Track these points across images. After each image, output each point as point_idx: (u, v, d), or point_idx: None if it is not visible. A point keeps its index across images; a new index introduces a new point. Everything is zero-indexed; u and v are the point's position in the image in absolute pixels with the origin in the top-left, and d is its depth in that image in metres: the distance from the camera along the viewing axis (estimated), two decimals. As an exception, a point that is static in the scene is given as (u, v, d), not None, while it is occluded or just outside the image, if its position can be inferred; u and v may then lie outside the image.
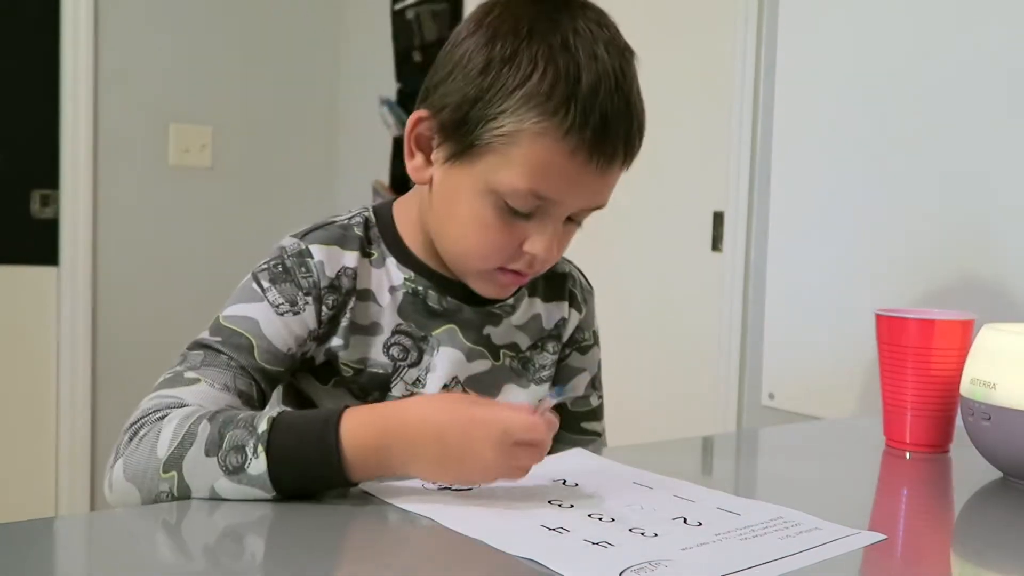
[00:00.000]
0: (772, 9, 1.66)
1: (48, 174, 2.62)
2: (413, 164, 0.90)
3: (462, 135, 0.84)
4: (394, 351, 0.92)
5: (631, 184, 2.03)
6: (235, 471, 0.72)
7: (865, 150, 1.50)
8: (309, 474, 0.72)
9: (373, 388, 0.92)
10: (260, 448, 0.72)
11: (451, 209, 0.88)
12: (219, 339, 0.86)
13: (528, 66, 0.81)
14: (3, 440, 2.61)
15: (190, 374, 0.83)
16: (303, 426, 0.74)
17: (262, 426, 0.73)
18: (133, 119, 2.70)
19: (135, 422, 0.79)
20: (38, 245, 2.63)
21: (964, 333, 0.97)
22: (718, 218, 1.78)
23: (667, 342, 1.88)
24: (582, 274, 1.08)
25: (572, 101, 0.80)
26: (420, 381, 0.93)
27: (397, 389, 0.92)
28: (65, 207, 2.62)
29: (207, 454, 0.73)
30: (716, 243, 1.78)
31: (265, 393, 0.89)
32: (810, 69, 1.59)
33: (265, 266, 0.90)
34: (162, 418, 0.78)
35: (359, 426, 0.73)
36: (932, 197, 1.40)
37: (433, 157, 0.88)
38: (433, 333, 0.93)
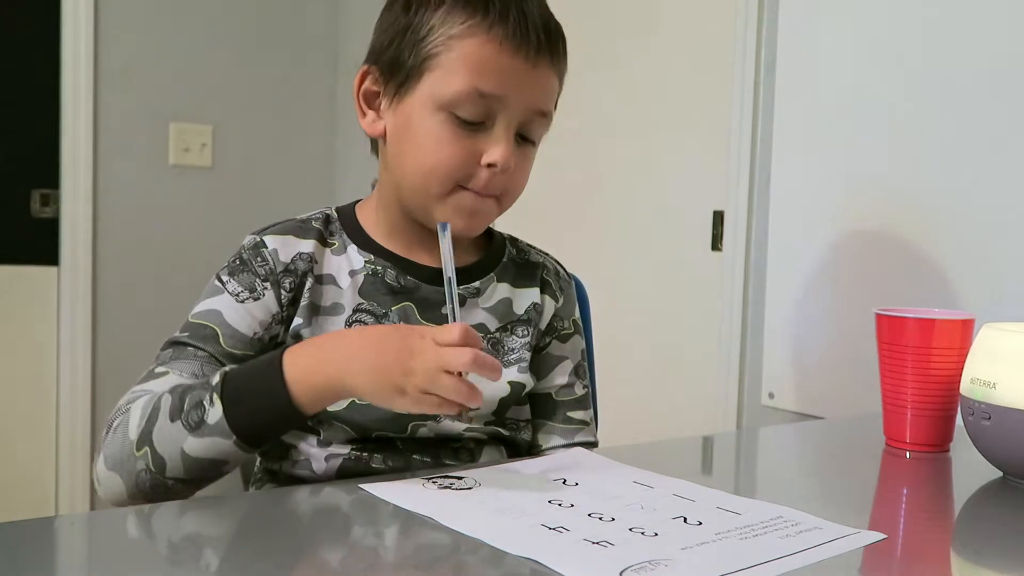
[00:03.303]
0: (772, 9, 1.66)
1: (48, 174, 2.62)
2: (366, 121, 0.97)
3: (401, 66, 0.92)
4: (356, 328, 0.94)
5: (631, 183, 2.05)
6: (197, 426, 0.77)
7: (865, 150, 1.50)
8: (261, 409, 0.78)
9: None
10: (215, 397, 0.78)
11: (408, 139, 0.93)
12: (187, 334, 0.90)
13: None
14: (3, 440, 2.61)
15: (160, 369, 0.88)
16: (251, 367, 0.81)
17: (215, 379, 0.79)
18: (133, 118, 2.70)
19: (111, 418, 0.84)
20: (38, 245, 2.63)
21: (964, 333, 0.97)
22: (718, 217, 1.78)
23: (667, 342, 1.88)
24: (560, 265, 1.10)
25: (490, 2, 0.89)
26: None
27: None
28: (65, 207, 2.62)
29: (171, 420, 0.78)
30: (716, 243, 1.78)
31: None
32: (810, 69, 1.59)
33: (225, 264, 0.95)
34: (130, 408, 0.83)
35: (300, 350, 0.80)
36: (932, 196, 1.40)
37: (382, 109, 0.95)
38: (392, 309, 0.96)
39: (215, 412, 0.77)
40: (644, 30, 1.93)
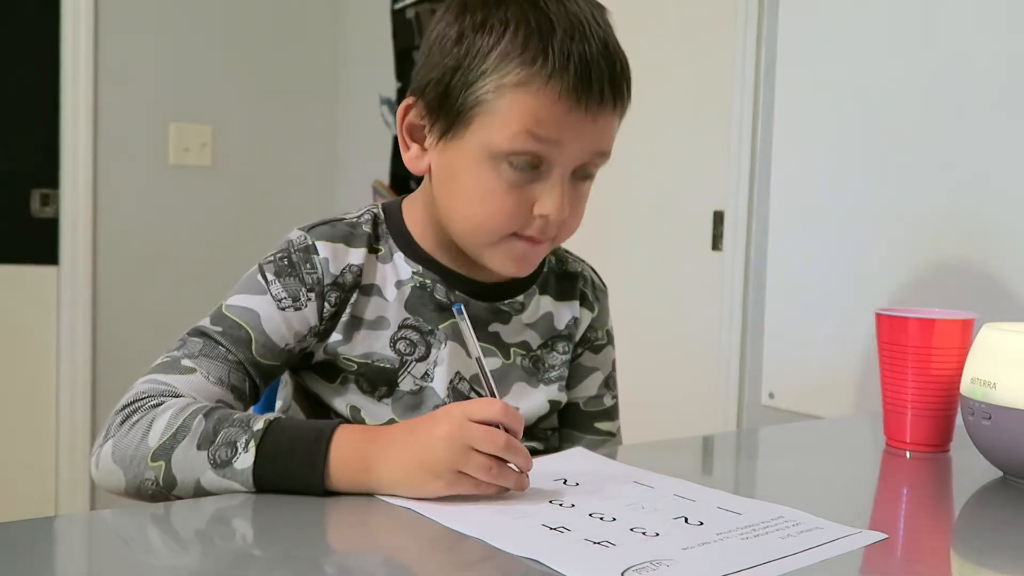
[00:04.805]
0: (772, 9, 1.66)
1: (48, 173, 2.62)
2: (409, 155, 0.91)
3: (449, 108, 0.85)
4: (401, 345, 0.92)
5: (631, 183, 2.05)
6: (222, 465, 0.74)
7: (865, 150, 1.50)
8: (290, 474, 0.73)
9: (380, 383, 0.91)
10: (252, 444, 0.74)
11: (455, 186, 0.87)
12: (219, 329, 0.86)
13: (500, 27, 0.82)
14: (3, 440, 2.61)
15: (187, 362, 0.84)
16: (298, 430, 0.76)
17: (258, 425, 0.75)
18: (133, 118, 2.70)
19: (128, 405, 0.80)
20: (38, 245, 2.63)
21: (964, 332, 0.97)
22: (718, 217, 1.78)
23: (667, 342, 1.88)
24: (595, 273, 1.08)
25: (549, 48, 0.81)
26: (428, 375, 0.92)
27: (405, 383, 0.92)
28: (65, 207, 2.62)
29: (199, 448, 0.75)
30: (716, 242, 1.78)
31: (259, 387, 0.89)
32: (810, 69, 1.59)
33: (271, 259, 0.90)
34: (156, 406, 0.79)
35: (352, 433, 0.75)
36: (932, 196, 1.40)
37: (427, 144, 0.89)
38: (440, 327, 0.93)
39: (246, 459, 0.73)
40: (644, 30, 1.93)
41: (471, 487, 0.71)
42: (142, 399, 0.81)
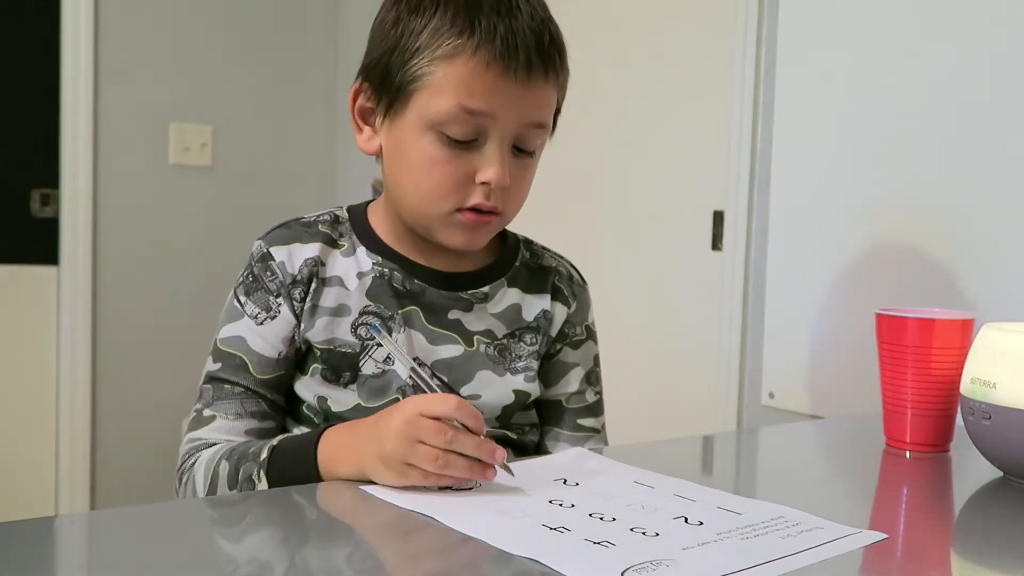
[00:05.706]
0: (772, 9, 1.66)
1: (48, 173, 2.62)
2: (362, 138, 0.96)
3: (390, 85, 0.90)
4: (362, 331, 0.95)
5: (631, 183, 2.05)
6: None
7: (865, 150, 1.50)
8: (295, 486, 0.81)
9: (343, 368, 0.94)
10: (262, 473, 0.84)
11: (401, 160, 0.92)
12: (219, 365, 0.93)
13: (432, 7, 0.88)
14: (3, 440, 2.61)
15: (207, 412, 0.93)
16: (293, 447, 0.85)
17: (263, 454, 0.84)
18: (133, 118, 2.70)
19: (179, 468, 0.92)
20: (38, 245, 2.63)
21: (964, 332, 0.97)
22: (718, 217, 1.78)
23: (667, 342, 1.88)
24: (574, 268, 1.08)
25: (476, 21, 0.87)
26: (390, 359, 0.95)
27: (367, 367, 0.94)
28: (65, 206, 2.62)
29: (230, 488, 0.85)
30: (716, 242, 1.78)
31: (275, 401, 0.94)
32: (810, 69, 1.59)
33: (241, 279, 0.96)
34: (194, 464, 0.89)
35: (331, 436, 0.83)
36: (932, 196, 1.40)
37: (376, 125, 0.94)
38: (398, 312, 0.95)
39: (261, 488, 0.83)
40: (644, 29, 1.93)
41: (420, 478, 0.74)
42: (185, 460, 0.91)
